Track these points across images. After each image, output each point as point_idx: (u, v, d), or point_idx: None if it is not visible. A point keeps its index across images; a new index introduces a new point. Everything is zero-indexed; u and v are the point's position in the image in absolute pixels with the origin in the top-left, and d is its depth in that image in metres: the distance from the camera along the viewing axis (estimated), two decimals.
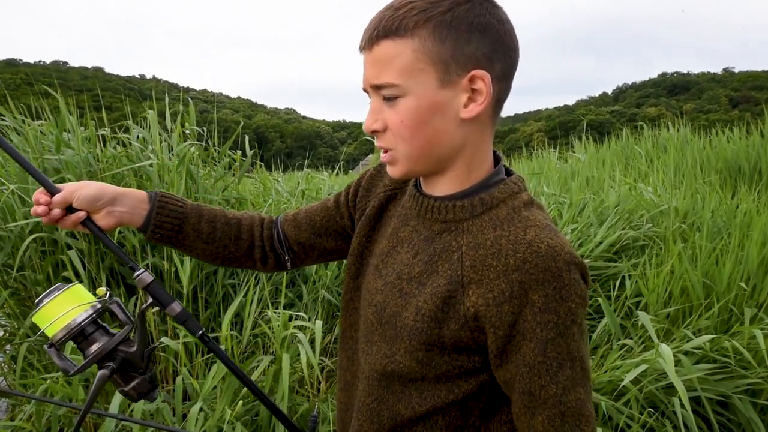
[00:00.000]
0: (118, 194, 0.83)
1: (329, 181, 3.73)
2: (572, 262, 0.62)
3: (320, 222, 0.91)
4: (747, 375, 1.85)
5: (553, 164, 5.25)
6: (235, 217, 0.93)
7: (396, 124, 0.66)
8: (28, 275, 2.24)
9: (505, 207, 0.68)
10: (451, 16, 0.62)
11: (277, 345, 1.90)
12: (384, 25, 0.63)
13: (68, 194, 0.81)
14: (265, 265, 0.94)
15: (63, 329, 0.77)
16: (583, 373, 0.63)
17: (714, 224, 2.96)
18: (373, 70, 0.66)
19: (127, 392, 0.80)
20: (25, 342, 2.14)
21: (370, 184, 0.86)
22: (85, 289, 0.82)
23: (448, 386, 0.69)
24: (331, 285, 2.62)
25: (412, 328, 0.68)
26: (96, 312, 0.80)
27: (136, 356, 0.79)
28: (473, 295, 0.64)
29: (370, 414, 0.74)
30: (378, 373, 0.73)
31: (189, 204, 0.89)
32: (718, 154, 5.14)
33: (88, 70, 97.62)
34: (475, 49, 0.63)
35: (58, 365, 0.78)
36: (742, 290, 2.25)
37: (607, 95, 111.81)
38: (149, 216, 0.85)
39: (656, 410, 1.79)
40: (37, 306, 0.78)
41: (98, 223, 0.83)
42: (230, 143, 2.95)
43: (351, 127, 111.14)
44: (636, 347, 2.03)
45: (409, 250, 0.73)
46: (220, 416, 1.67)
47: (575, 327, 0.62)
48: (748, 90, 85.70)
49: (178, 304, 0.83)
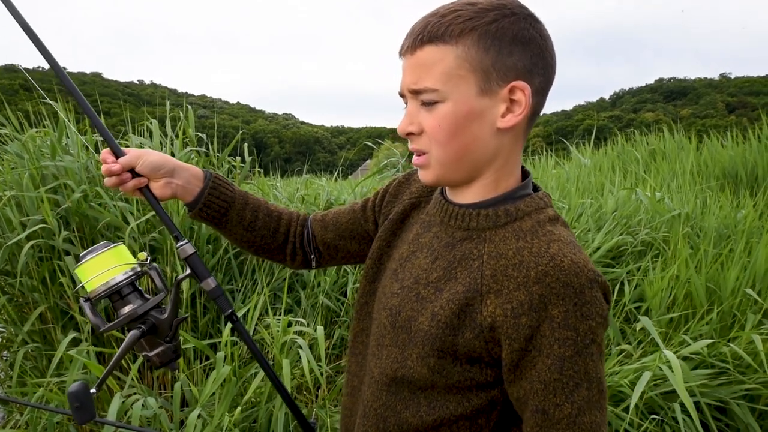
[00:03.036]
0: (177, 166, 0.85)
1: (328, 186, 3.74)
2: (595, 280, 0.61)
3: (346, 224, 0.92)
4: (745, 380, 1.85)
5: (550, 169, 5.26)
6: (277, 210, 0.95)
7: (433, 128, 0.66)
8: (25, 281, 2.23)
9: (529, 220, 0.68)
10: (497, 27, 0.63)
11: (277, 350, 1.89)
12: (429, 31, 0.64)
13: (133, 158, 0.82)
14: (294, 261, 0.97)
15: (102, 285, 0.79)
16: (600, 395, 0.62)
17: (718, 230, 2.97)
18: (413, 75, 0.66)
19: (151, 358, 0.81)
20: (23, 349, 2.13)
21: (397, 191, 0.87)
22: (128, 251, 0.83)
23: (458, 398, 0.68)
24: (329, 291, 2.62)
25: (427, 333, 0.67)
26: (135, 274, 0.81)
27: (165, 324, 0.80)
28: (491, 305, 0.63)
29: (376, 420, 0.73)
30: (388, 378, 0.72)
31: (237, 190, 0.91)
32: (715, 159, 5.16)
33: (87, 76, 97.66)
34: (517, 60, 0.64)
35: (91, 320, 0.80)
36: (747, 296, 2.25)
37: (604, 100, 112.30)
38: (201, 194, 0.87)
39: (656, 416, 1.78)
40: (80, 260, 0.80)
41: (155, 192, 0.85)
42: (230, 149, 2.95)
43: (349, 133, 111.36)
44: (634, 352, 2.03)
45: (429, 255, 0.73)
46: (219, 423, 1.66)
47: (594, 346, 0.61)
48: (745, 95, 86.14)
49: (213, 280, 0.85)
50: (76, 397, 0.73)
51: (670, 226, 3.03)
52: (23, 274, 2.20)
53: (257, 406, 1.83)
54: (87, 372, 1.89)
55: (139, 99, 49.69)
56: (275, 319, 2.09)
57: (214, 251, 2.50)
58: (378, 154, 9.73)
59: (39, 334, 2.26)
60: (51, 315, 2.23)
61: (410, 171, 0.89)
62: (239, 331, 0.87)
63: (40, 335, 2.26)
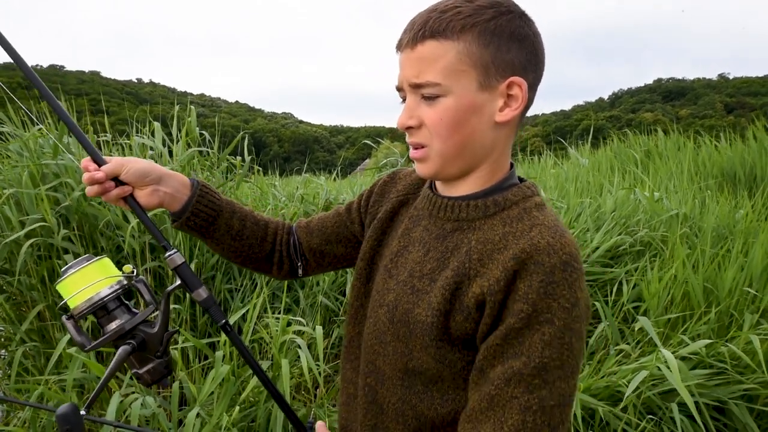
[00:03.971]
0: (164, 174, 0.84)
1: (327, 185, 3.74)
2: (569, 263, 0.62)
3: (332, 228, 0.92)
4: (743, 380, 1.85)
5: (549, 169, 5.26)
6: (263, 219, 0.95)
7: (435, 121, 0.68)
8: (23, 280, 2.23)
9: (516, 208, 0.70)
10: (495, 24, 0.66)
11: (276, 350, 1.89)
12: (431, 26, 0.65)
13: (117, 166, 0.80)
14: (281, 271, 0.96)
15: (86, 302, 0.75)
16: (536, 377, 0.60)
17: (716, 230, 2.98)
18: (413, 69, 0.67)
19: (141, 375, 0.78)
20: (21, 347, 2.12)
21: (383, 190, 0.88)
22: (112, 264, 0.80)
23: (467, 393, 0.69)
24: (328, 290, 2.62)
25: (425, 323, 0.69)
26: (121, 288, 0.78)
27: (155, 339, 0.77)
28: (476, 287, 0.66)
29: (395, 414, 0.74)
30: (401, 372, 0.73)
31: (224, 199, 0.90)
32: (713, 159, 5.17)
33: (85, 74, 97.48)
34: (514, 57, 0.67)
35: (75, 339, 0.76)
36: (744, 296, 2.25)
37: (603, 100, 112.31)
38: (188, 202, 0.85)
39: (654, 416, 1.79)
40: (62, 275, 0.77)
41: (140, 201, 0.82)
42: (230, 149, 2.95)
43: (348, 132, 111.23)
44: (633, 352, 2.03)
45: (421, 248, 0.74)
46: (217, 422, 1.66)
47: (547, 326, 0.60)
48: (743, 96, 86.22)
49: (204, 290, 0.83)
50: (65, 420, 0.68)
51: (668, 226, 3.04)
52: (21, 273, 2.20)
53: (256, 406, 1.83)
54: (86, 371, 1.89)
55: (138, 98, 49.37)
56: (274, 318, 2.09)
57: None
58: (377, 153, 9.72)
59: (37, 333, 2.26)
60: (49, 314, 2.23)
61: (395, 170, 0.90)
62: (233, 341, 0.85)
63: (38, 334, 2.26)
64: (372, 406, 0.77)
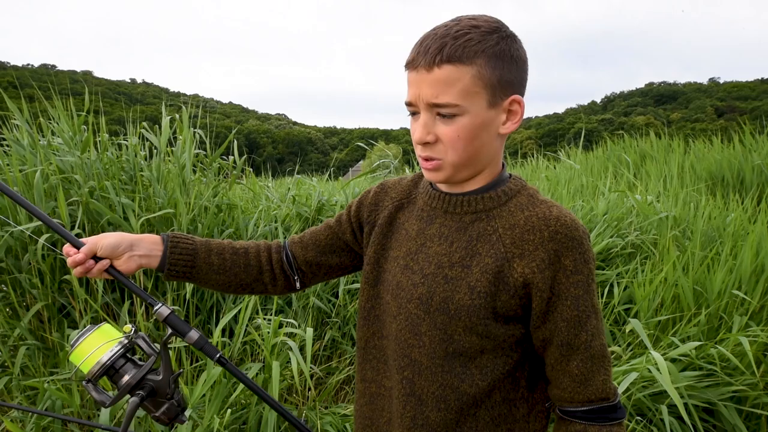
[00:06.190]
0: (134, 240, 0.92)
1: (319, 186, 3.73)
2: (586, 232, 0.77)
3: (325, 240, 0.99)
4: (732, 382, 1.87)
5: (541, 172, 5.29)
6: (242, 246, 1.00)
7: (452, 138, 0.76)
8: (23, 278, 2.21)
9: (521, 196, 0.81)
10: (499, 49, 0.74)
11: (267, 352, 1.89)
12: (447, 52, 0.73)
13: (92, 245, 0.89)
14: (275, 287, 1.01)
15: (96, 365, 0.84)
16: (600, 323, 0.77)
17: (706, 233, 3.00)
18: (432, 90, 0.74)
19: (159, 417, 0.86)
20: (22, 346, 2.10)
21: (376, 200, 0.94)
22: (113, 327, 0.89)
23: (503, 358, 0.79)
24: (321, 292, 2.62)
25: (470, 306, 0.77)
26: (123, 347, 0.87)
27: (162, 384, 0.86)
28: (519, 267, 0.75)
29: (436, 402, 0.80)
30: (440, 359, 0.79)
31: (198, 240, 0.97)
32: (703, 163, 5.21)
33: (77, 74, 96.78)
34: (513, 77, 0.76)
35: (96, 399, 0.85)
36: (733, 298, 2.27)
37: (596, 104, 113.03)
38: (164, 256, 0.93)
39: (643, 417, 1.80)
40: (72, 346, 0.86)
41: (120, 268, 0.91)
42: (222, 149, 2.94)
43: (342, 134, 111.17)
44: (624, 354, 2.05)
45: (443, 242, 0.82)
46: (209, 424, 1.66)
47: (593, 284, 0.76)
48: (733, 100, 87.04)
49: (195, 332, 0.90)
50: None
51: (659, 229, 3.06)
52: (23, 270, 2.19)
53: (247, 408, 1.83)
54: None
55: (131, 98, 49.00)
56: (266, 320, 2.08)
57: None
58: (371, 154, 9.71)
59: (36, 332, 2.24)
60: (48, 313, 2.22)
61: (382, 182, 0.97)
62: (231, 371, 0.91)
63: (37, 333, 2.24)
64: (410, 399, 0.82)
